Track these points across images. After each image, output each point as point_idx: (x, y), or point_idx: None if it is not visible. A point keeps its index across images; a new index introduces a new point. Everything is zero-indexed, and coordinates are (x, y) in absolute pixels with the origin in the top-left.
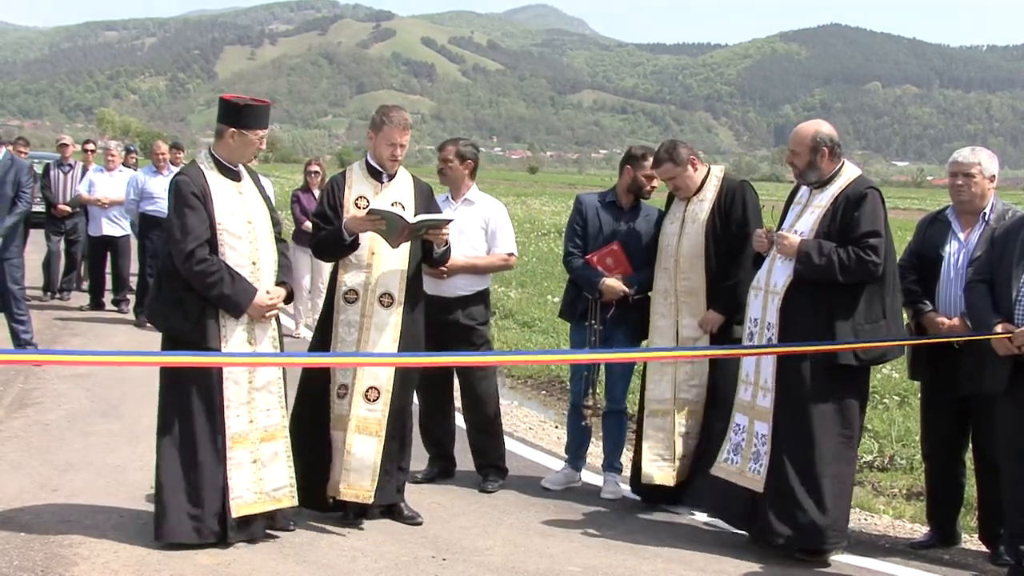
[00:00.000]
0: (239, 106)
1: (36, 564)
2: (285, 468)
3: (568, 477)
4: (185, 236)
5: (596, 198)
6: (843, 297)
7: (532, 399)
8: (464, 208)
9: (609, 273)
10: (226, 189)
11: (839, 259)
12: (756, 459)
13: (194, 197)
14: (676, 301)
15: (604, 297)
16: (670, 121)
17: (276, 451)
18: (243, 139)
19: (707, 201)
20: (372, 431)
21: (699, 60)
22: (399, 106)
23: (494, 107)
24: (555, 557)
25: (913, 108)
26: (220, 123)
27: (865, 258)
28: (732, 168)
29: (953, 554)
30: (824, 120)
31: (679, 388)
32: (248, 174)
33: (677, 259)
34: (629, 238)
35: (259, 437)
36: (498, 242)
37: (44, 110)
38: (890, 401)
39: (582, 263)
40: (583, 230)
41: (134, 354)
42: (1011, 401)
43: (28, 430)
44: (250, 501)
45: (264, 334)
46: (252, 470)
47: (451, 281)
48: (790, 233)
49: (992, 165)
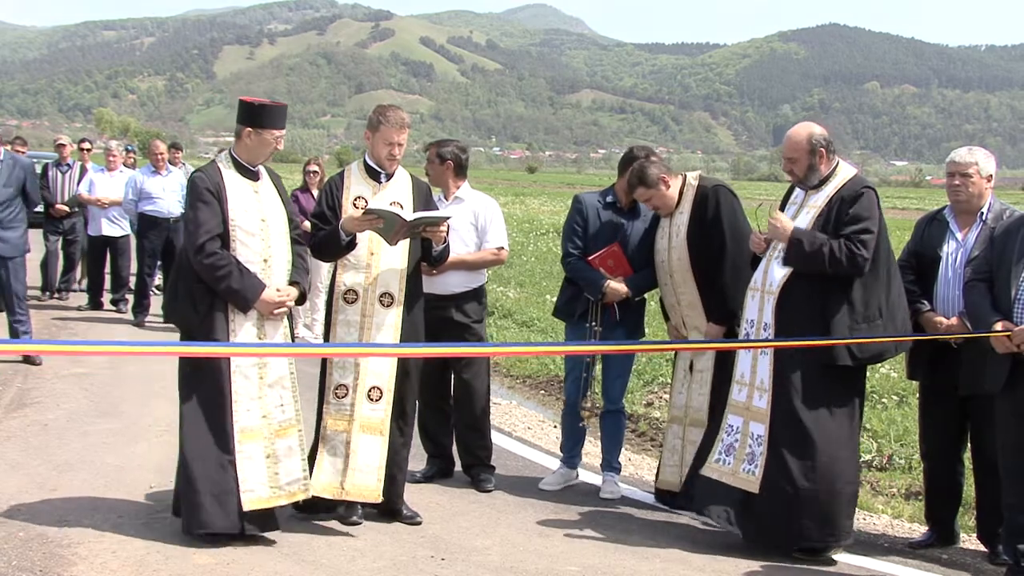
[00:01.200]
0: (255, 106)
1: (35, 564)
2: (299, 462)
3: (564, 476)
4: (197, 229)
5: (596, 198)
6: (838, 296)
7: (531, 399)
8: (454, 206)
9: (610, 274)
10: (242, 187)
11: (829, 251)
12: (751, 460)
13: (208, 193)
14: (682, 314)
15: (606, 299)
16: (669, 121)
17: (290, 445)
18: (260, 139)
19: (685, 213)
20: (377, 430)
21: (698, 60)
22: (396, 106)
23: (493, 107)
24: (554, 557)
25: (912, 108)
26: (238, 124)
27: (855, 251)
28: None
29: (951, 553)
30: (813, 122)
31: (691, 397)
32: (269, 176)
33: (671, 274)
34: (629, 238)
35: (273, 432)
36: (488, 237)
37: (42, 110)
38: (889, 401)
39: (584, 264)
40: (583, 230)
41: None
42: (1010, 400)
43: (27, 430)
44: (264, 496)
45: (275, 332)
46: (267, 465)
47: (445, 278)
48: (784, 216)
49: (989, 165)
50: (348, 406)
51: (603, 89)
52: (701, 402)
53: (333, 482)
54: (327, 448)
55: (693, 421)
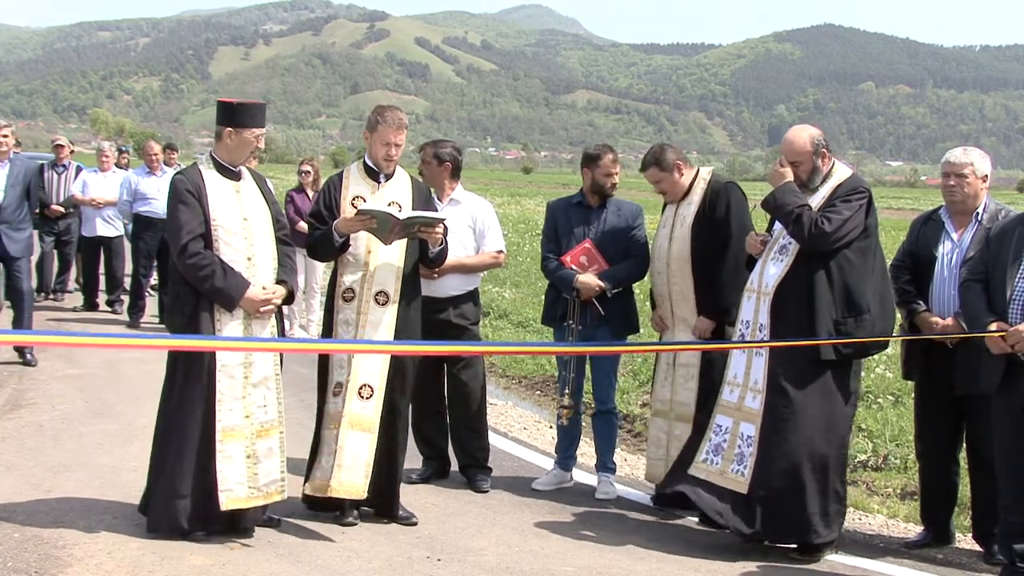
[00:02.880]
0: (234, 105)
1: (30, 565)
2: (278, 463)
3: (558, 477)
4: (179, 230)
5: (564, 202)
6: (825, 288)
7: (527, 399)
8: (451, 208)
9: (584, 271)
10: (223, 187)
11: (801, 214)
12: (740, 460)
13: (188, 194)
14: (671, 305)
15: (582, 295)
16: (664, 121)
17: (271, 447)
18: (240, 138)
19: (694, 204)
20: (366, 427)
21: (693, 60)
22: (395, 106)
23: (488, 107)
24: (550, 557)
25: (906, 108)
26: (218, 125)
27: (819, 224)
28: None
29: (947, 553)
30: (808, 123)
31: (676, 391)
32: (253, 177)
33: (668, 263)
34: (601, 235)
35: (255, 432)
36: (487, 240)
37: (37, 110)
38: (884, 401)
39: (556, 264)
40: (555, 234)
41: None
42: (1005, 400)
43: (22, 431)
44: (242, 496)
45: (263, 330)
46: (246, 465)
47: (443, 281)
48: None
49: (984, 165)
50: (341, 403)
51: (598, 89)
52: (688, 397)
53: (323, 480)
54: (325, 448)
55: (679, 416)
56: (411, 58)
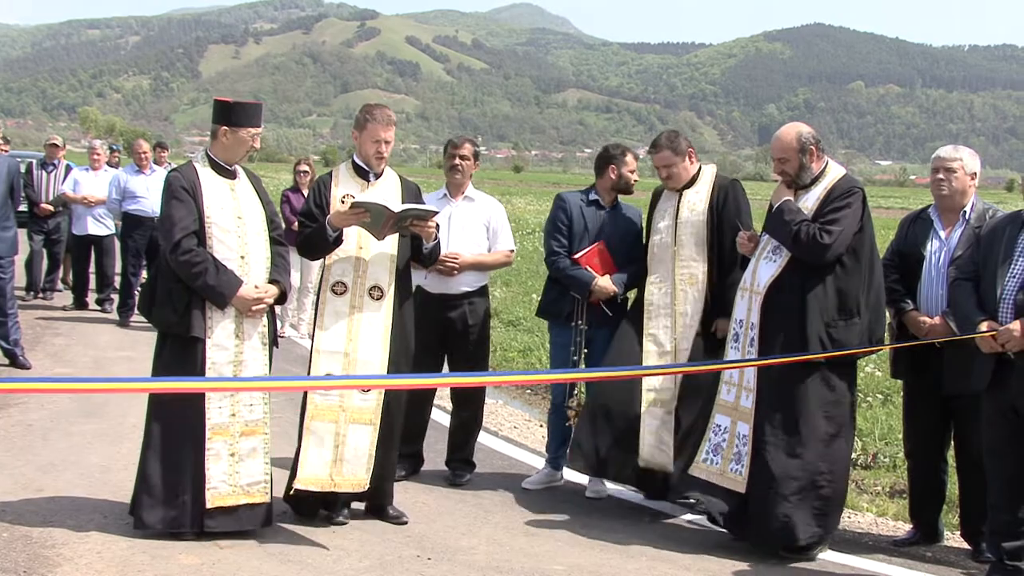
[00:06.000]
0: (231, 104)
1: (19, 565)
2: (261, 464)
3: (548, 477)
4: (172, 227)
5: (579, 196)
6: (815, 291)
7: (517, 398)
8: (466, 205)
9: (595, 273)
10: (218, 185)
11: (799, 230)
12: (737, 460)
13: (183, 191)
14: (673, 290)
15: (593, 297)
16: (655, 120)
17: (255, 446)
18: (235, 137)
19: (702, 192)
20: (367, 420)
21: (683, 59)
22: (383, 104)
23: (479, 106)
24: (540, 556)
25: (896, 107)
26: (214, 123)
27: (818, 239)
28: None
29: (935, 551)
30: (799, 121)
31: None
32: (248, 176)
33: (676, 248)
34: (612, 237)
35: (239, 431)
36: (500, 239)
37: (26, 109)
38: (873, 399)
39: (570, 263)
40: (568, 229)
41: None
42: (993, 399)
43: (11, 430)
44: (224, 493)
45: (254, 329)
46: (229, 462)
47: (458, 278)
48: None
49: (974, 163)
50: (337, 397)
51: (589, 88)
52: (667, 383)
53: (321, 474)
54: (313, 440)
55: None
56: (401, 57)
